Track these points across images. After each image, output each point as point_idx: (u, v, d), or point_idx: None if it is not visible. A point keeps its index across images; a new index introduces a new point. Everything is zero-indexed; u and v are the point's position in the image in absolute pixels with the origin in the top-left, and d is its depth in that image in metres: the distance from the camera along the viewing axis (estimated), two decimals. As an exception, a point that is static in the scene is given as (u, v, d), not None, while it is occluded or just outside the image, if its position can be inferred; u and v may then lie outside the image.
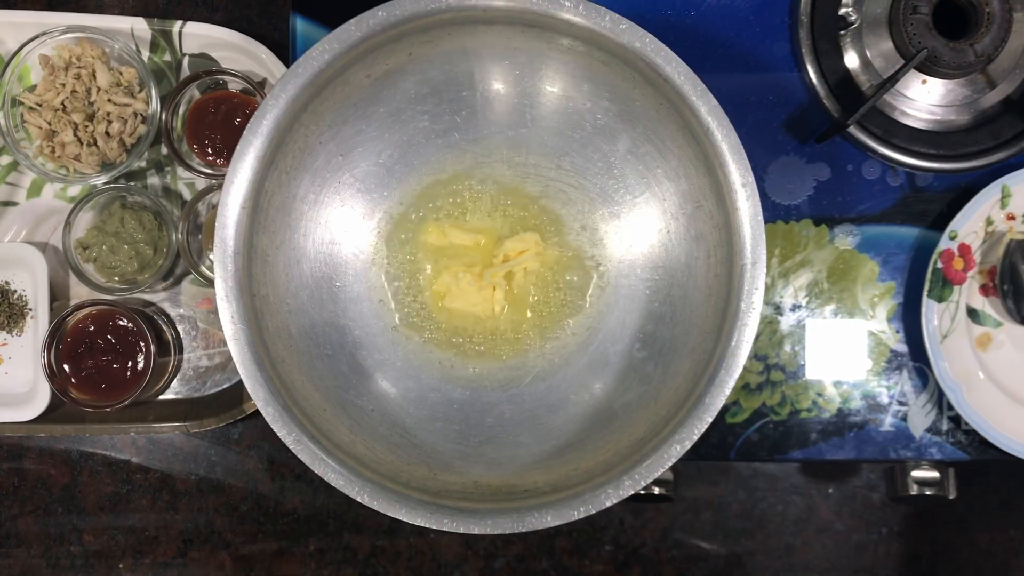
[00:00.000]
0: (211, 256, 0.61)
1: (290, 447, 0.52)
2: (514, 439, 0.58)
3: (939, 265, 0.62)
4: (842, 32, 0.63)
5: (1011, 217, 0.63)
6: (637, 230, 0.59)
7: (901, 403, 0.63)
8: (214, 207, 0.68)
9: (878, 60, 0.64)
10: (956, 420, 0.63)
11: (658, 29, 0.52)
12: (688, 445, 0.51)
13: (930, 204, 0.64)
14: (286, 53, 0.67)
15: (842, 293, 0.63)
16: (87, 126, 0.67)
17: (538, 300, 0.60)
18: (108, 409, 0.65)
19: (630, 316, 0.59)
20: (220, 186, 0.55)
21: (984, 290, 0.63)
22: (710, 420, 0.51)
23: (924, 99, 0.64)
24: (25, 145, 0.68)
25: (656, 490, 0.63)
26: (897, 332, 0.63)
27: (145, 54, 0.69)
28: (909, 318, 0.63)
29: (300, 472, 0.71)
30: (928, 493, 0.63)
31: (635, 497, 0.51)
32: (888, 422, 0.63)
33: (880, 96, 0.60)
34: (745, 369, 0.52)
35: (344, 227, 0.59)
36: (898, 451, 0.63)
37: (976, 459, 0.63)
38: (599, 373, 0.59)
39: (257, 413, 0.59)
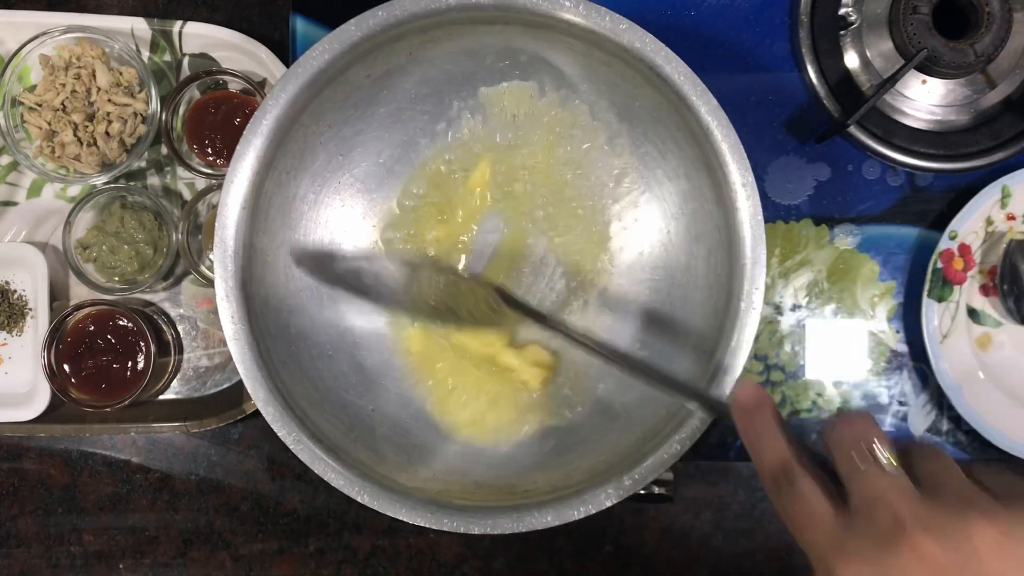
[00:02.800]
0: (211, 256, 0.61)
1: (290, 447, 0.52)
2: (515, 439, 0.58)
3: (939, 265, 0.62)
4: (842, 32, 0.63)
5: (1011, 217, 0.63)
6: (637, 230, 0.59)
7: (901, 403, 0.63)
8: (214, 207, 0.67)
9: (878, 60, 0.64)
10: (956, 420, 0.63)
11: (658, 29, 0.52)
12: (688, 445, 0.51)
13: (930, 204, 0.64)
14: (286, 53, 0.67)
15: (842, 293, 0.63)
16: (87, 126, 0.67)
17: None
18: (108, 409, 0.65)
19: (630, 316, 0.59)
20: (220, 186, 0.55)
21: (984, 290, 0.63)
22: (710, 420, 0.51)
23: (924, 99, 0.64)
24: (25, 145, 0.68)
25: (656, 490, 0.63)
26: (897, 332, 0.63)
27: (145, 54, 0.69)
28: (909, 318, 0.63)
29: (300, 472, 0.71)
30: (928, 493, 0.63)
31: (635, 497, 0.51)
32: (888, 422, 0.63)
33: (880, 96, 0.60)
34: (745, 369, 0.52)
35: (344, 227, 0.59)
36: (898, 451, 0.63)
37: (976, 459, 0.63)
38: (599, 373, 0.59)
39: (257, 413, 0.59)
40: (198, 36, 0.68)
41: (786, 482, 0.40)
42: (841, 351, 0.63)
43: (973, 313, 0.63)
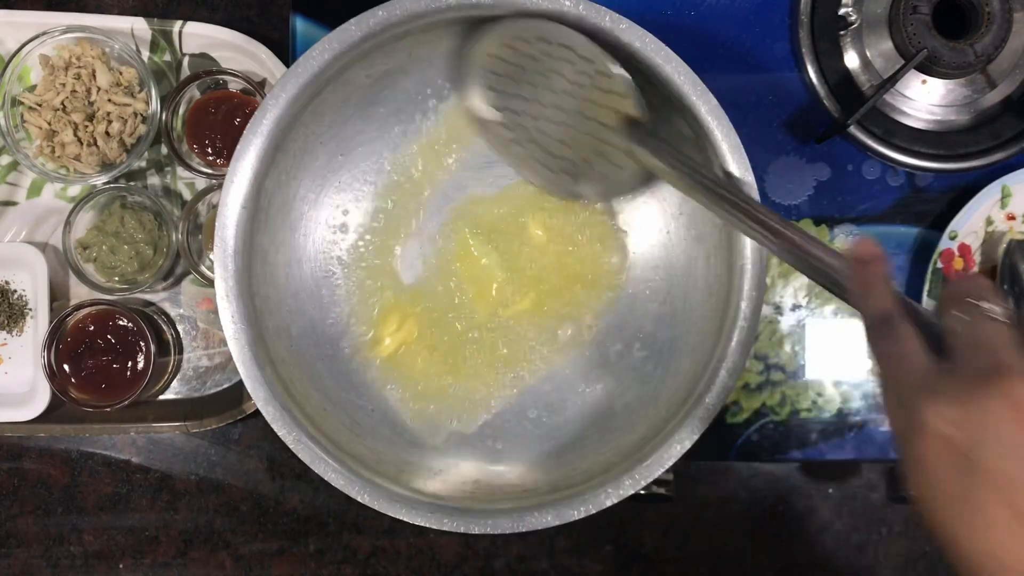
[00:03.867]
0: (211, 256, 0.61)
1: (290, 447, 0.52)
2: (514, 439, 0.58)
3: (939, 265, 0.62)
4: (842, 32, 0.63)
5: (1011, 217, 0.63)
6: (637, 230, 0.59)
7: (901, 403, 0.63)
8: (214, 207, 0.67)
9: (878, 60, 0.64)
10: (956, 420, 0.63)
11: (658, 29, 0.52)
12: (688, 445, 0.51)
13: (930, 204, 0.64)
14: (286, 53, 0.67)
15: (842, 293, 0.63)
16: (87, 126, 0.67)
17: (543, 300, 0.60)
18: (108, 409, 0.65)
19: (630, 316, 0.59)
20: (220, 186, 0.55)
21: (984, 290, 0.63)
22: (710, 420, 0.51)
23: (924, 99, 0.64)
24: (25, 145, 0.68)
25: (656, 490, 0.63)
26: (897, 332, 0.63)
27: (145, 54, 0.69)
28: (909, 318, 0.63)
29: (300, 472, 0.71)
30: (928, 493, 0.63)
31: (635, 497, 0.51)
32: (888, 421, 0.63)
33: (880, 96, 0.60)
34: (745, 369, 0.52)
35: (345, 227, 0.59)
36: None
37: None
38: (599, 373, 0.59)
39: (257, 413, 0.59)
40: (198, 36, 0.68)
41: (887, 326, 0.39)
42: (841, 351, 0.63)
43: (973, 313, 0.63)
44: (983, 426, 0.33)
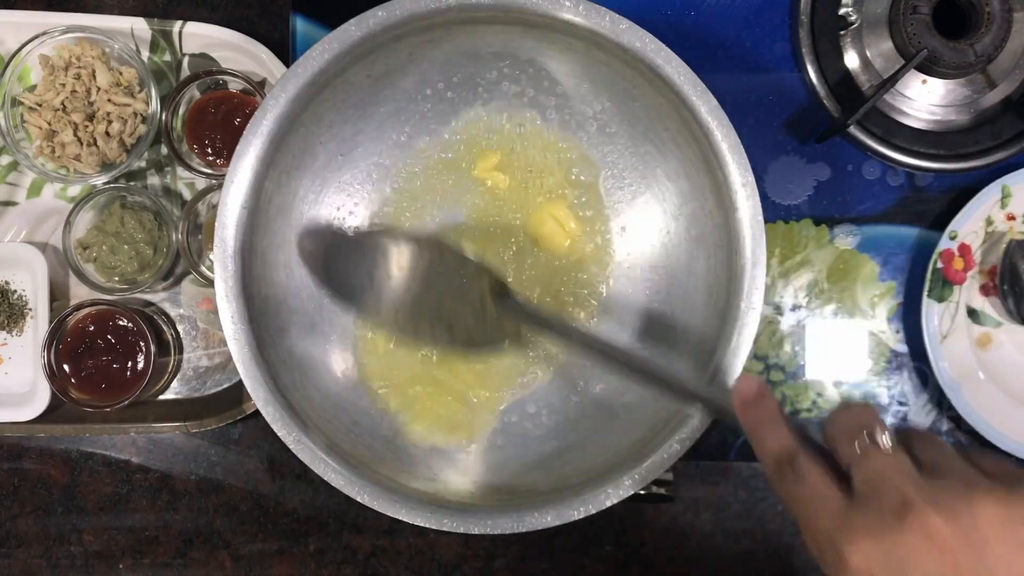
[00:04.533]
0: (211, 256, 0.61)
1: (290, 447, 0.52)
2: (515, 438, 0.58)
3: (939, 265, 0.62)
4: (842, 32, 0.63)
5: (1011, 217, 0.63)
6: (637, 230, 0.59)
7: (901, 403, 0.63)
8: (214, 207, 0.67)
9: (878, 60, 0.64)
10: (956, 420, 0.63)
11: (658, 29, 0.52)
12: (688, 445, 0.51)
13: (930, 204, 0.64)
14: (286, 53, 0.67)
15: (842, 293, 0.63)
16: (87, 126, 0.67)
17: (543, 300, 0.60)
18: (108, 409, 0.65)
19: (630, 316, 0.59)
20: (220, 186, 0.55)
21: (984, 290, 0.63)
22: (710, 420, 0.51)
23: (924, 99, 0.64)
24: (25, 145, 0.68)
25: (656, 490, 0.63)
26: (897, 332, 0.63)
27: (145, 54, 0.69)
28: (909, 318, 0.63)
29: (300, 472, 0.71)
30: (928, 493, 0.63)
31: (635, 497, 0.51)
32: (888, 422, 0.63)
33: (880, 96, 0.60)
34: (745, 369, 0.52)
35: (344, 227, 0.59)
36: (898, 451, 0.63)
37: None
38: (599, 373, 0.59)
39: (257, 413, 0.59)
40: (198, 36, 0.68)
41: (790, 468, 0.40)
42: (841, 351, 0.63)
43: (973, 313, 0.63)
44: (905, 562, 0.35)
